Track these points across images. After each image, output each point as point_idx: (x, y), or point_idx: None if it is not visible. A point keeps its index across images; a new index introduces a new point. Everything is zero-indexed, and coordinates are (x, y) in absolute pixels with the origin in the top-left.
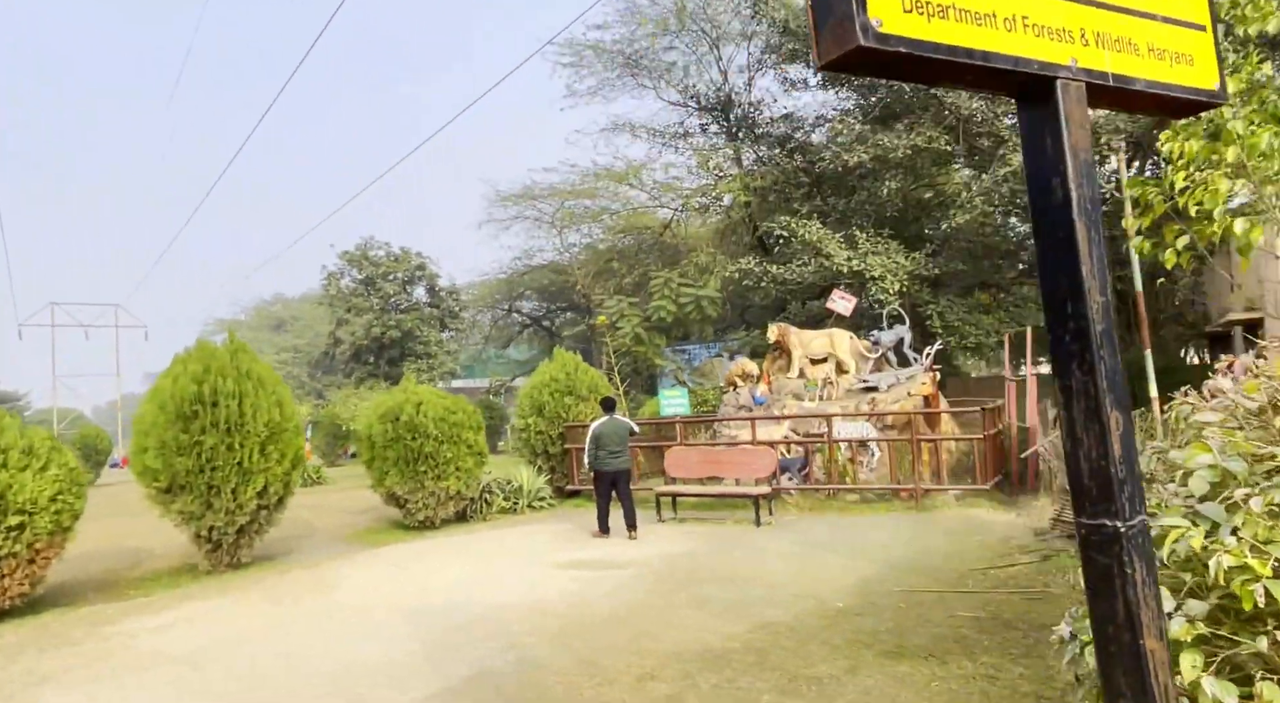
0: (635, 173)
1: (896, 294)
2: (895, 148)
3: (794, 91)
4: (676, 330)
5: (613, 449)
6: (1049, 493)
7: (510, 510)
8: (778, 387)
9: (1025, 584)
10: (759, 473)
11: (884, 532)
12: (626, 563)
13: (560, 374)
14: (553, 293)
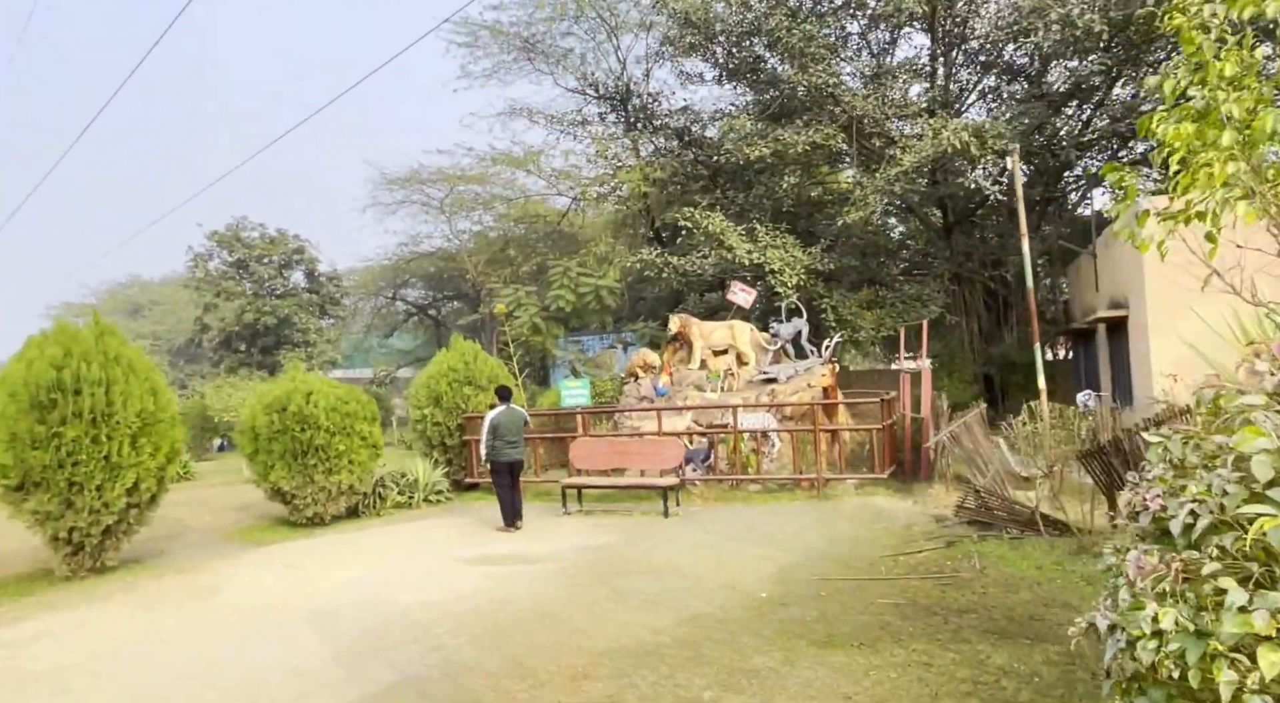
0: (534, 159)
1: (794, 288)
2: (794, 143)
3: (690, 85)
4: (575, 320)
5: (510, 439)
6: (943, 482)
7: (406, 505)
8: (679, 378)
9: (935, 570)
10: (667, 464)
11: (791, 521)
12: (540, 558)
13: (459, 363)
14: (440, 281)
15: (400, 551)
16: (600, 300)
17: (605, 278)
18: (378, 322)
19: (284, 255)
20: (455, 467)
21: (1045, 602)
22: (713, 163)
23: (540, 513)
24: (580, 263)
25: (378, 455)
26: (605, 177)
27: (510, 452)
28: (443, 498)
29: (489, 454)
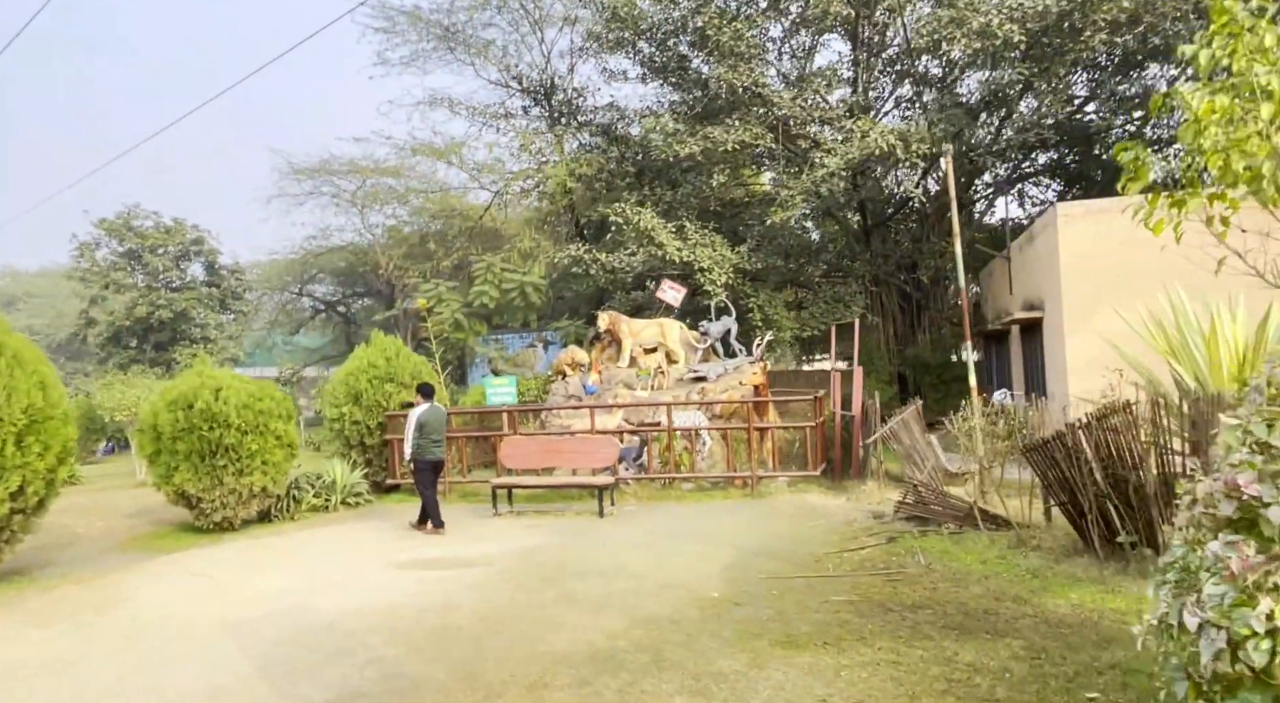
0: (455, 150)
1: (722, 286)
2: (724, 142)
3: (614, 82)
4: (498, 317)
5: (435, 438)
6: (875, 479)
7: (323, 508)
8: (608, 376)
9: (882, 566)
10: (601, 462)
11: (727, 519)
12: (476, 561)
13: (379, 360)
14: (351, 276)
15: (323, 556)
16: (525, 297)
17: (531, 274)
18: (283, 318)
19: (181, 246)
20: (375, 468)
21: (996, 596)
22: (640, 160)
23: (469, 515)
24: (504, 259)
25: (293, 456)
26: (530, 171)
27: (436, 450)
28: (362, 501)
29: (415, 453)
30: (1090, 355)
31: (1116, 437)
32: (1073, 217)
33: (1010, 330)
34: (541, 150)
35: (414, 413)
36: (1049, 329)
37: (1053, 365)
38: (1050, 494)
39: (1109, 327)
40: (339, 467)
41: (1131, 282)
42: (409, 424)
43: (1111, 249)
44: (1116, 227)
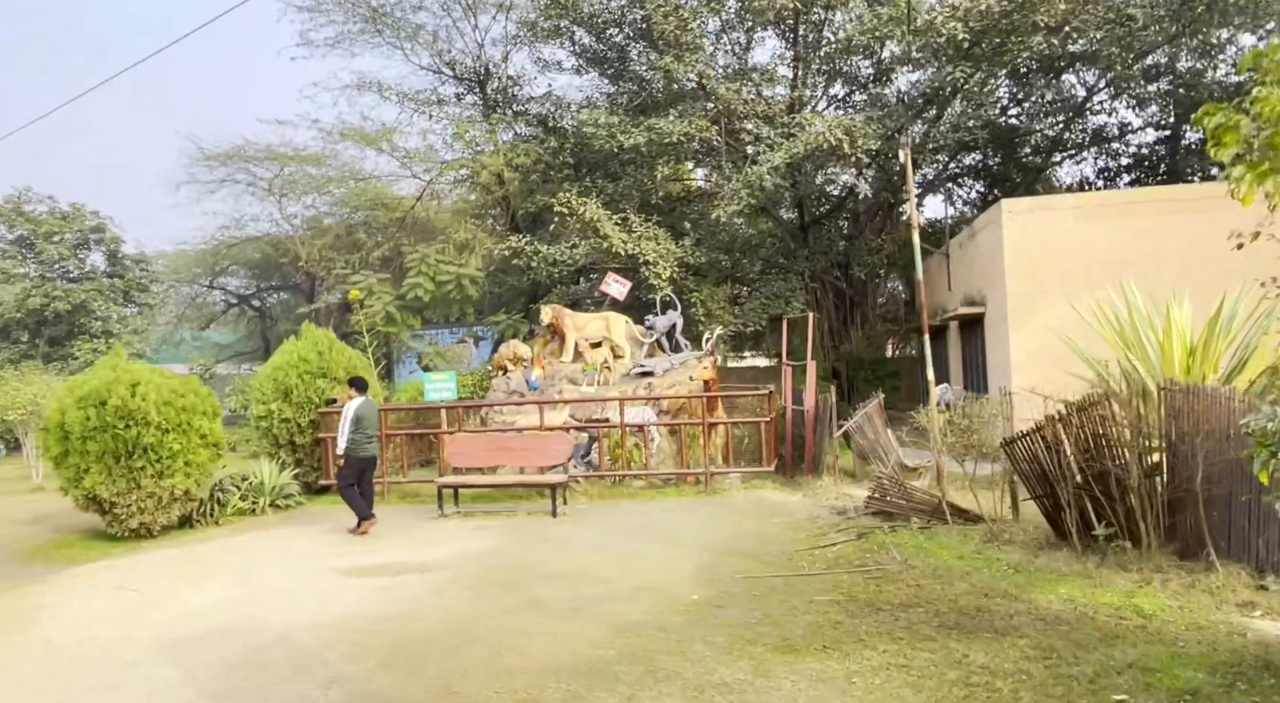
0: (387, 136)
1: (668, 280)
2: (669, 133)
3: (549, 72)
4: (432, 311)
5: (370, 433)
6: (831, 475)
7: (250, 512)
8: (551, 371)
9: (858, 564)
10: (554, 459)
11: (686, 517)
12: (429, 566)
13: (311, 354)
14: (266, 269)
15: (260, 564)
16: (462, 290)
17: (467, 266)
18: (192, 312)
19: (80, 233)
20: (306, 468)
21: (984, 592)
22: (579, 151)
23: (413, 517)
24: (439, 250)
25: (219, 456)
26: (466, 161)
27: (370, 447)
28: (293, 503)
29: (349, 448)
30: (1033, 349)
31: (1096, 428)
32: (1017, 213)
33: (949, 326)
34: (476, 139)
35: (350, 407)
36: (991, 324)
37: (995, 360)
38: (1026, 487)
39: (1051, 321)
40: (267, 467)
41: (1073, 277)
42: (344, 419)
43: (1053, 245)
44: (1058, 223)
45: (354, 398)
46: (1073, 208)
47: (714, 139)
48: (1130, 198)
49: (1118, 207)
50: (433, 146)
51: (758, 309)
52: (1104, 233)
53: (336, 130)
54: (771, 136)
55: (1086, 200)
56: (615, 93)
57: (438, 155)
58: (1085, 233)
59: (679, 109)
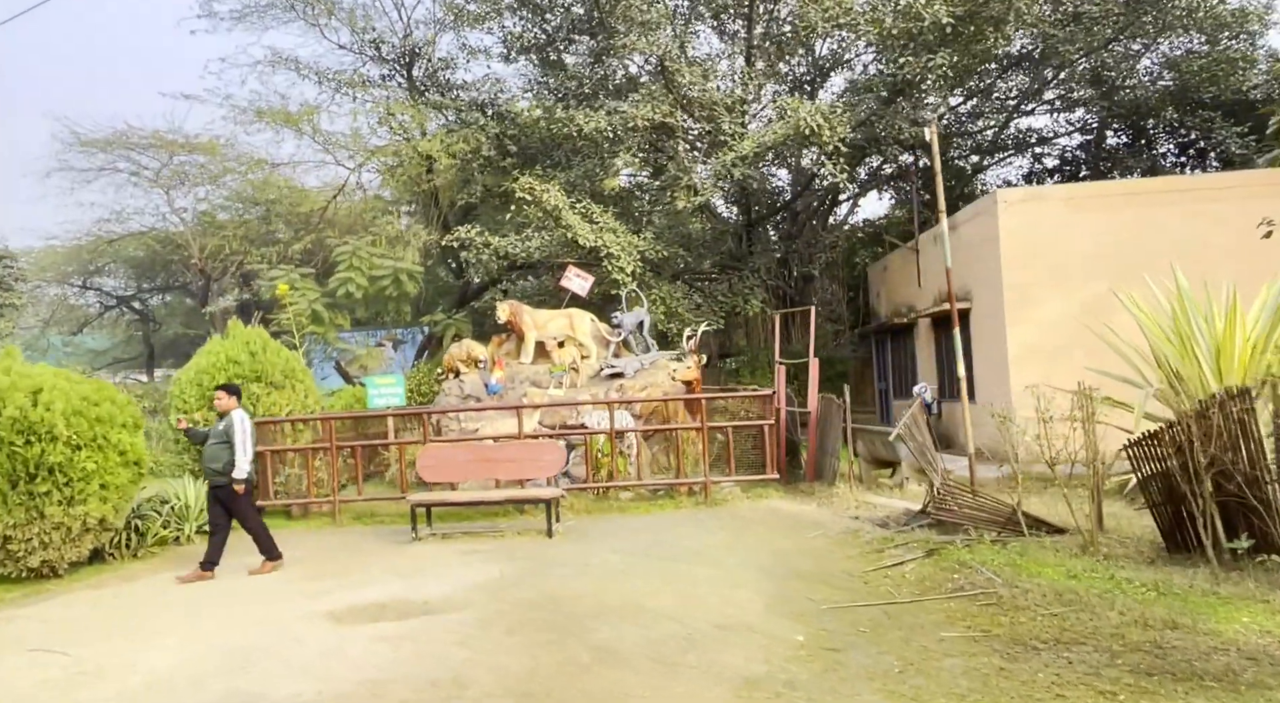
0: (309, 115)
1: (631, 274)
2: (634, 117)
3: (475, 59)
4: (364, 309)
5: (257, 449)
6: (847, 482)
7: (173, 541)
8: (511, 374)
9: (953, 587)
10: (545, 471)
11: (700, 532)
12: (435, 605)
13: (242, 355)
14: (150, 268)
15: (218, 609)
16: (400, 286)
17: (405, 259)
18: (62, 314)
19: None
20: None
21: (1144, 622)
22: (524, 138)
23: (380, 541)
24: (372, 242)
25: (141, 476)
26: (399, 146)
27: (255, 466)
28: None
29: (251, 473)
30: (1030, 344)
31: (1235, 428)
32: (1012, 202)
33: (916, 325)
34: (405, 125)
35: (242, 418)
36: (980, 320)
37: (987, 358)
38: (1145, 495)
39: (1048, 315)
40: (190, 488)
41: (1067, 270)
42: (239, 431)
43: (1048, 237)
44: (1052, 214)
45: (228, 405)
46: (1066, 198)
47: (679, 124)
48: (1126, 188)
49: (1113, 197)
50: (359, 131)
51: (717, 308)
52: (1098, 224)
53: (251, 108)
54: (740, 124)
55: (1080, 191)
56: (546, 82)
57: (364, 141)
58: (1079, 223)
59: (641, 93)
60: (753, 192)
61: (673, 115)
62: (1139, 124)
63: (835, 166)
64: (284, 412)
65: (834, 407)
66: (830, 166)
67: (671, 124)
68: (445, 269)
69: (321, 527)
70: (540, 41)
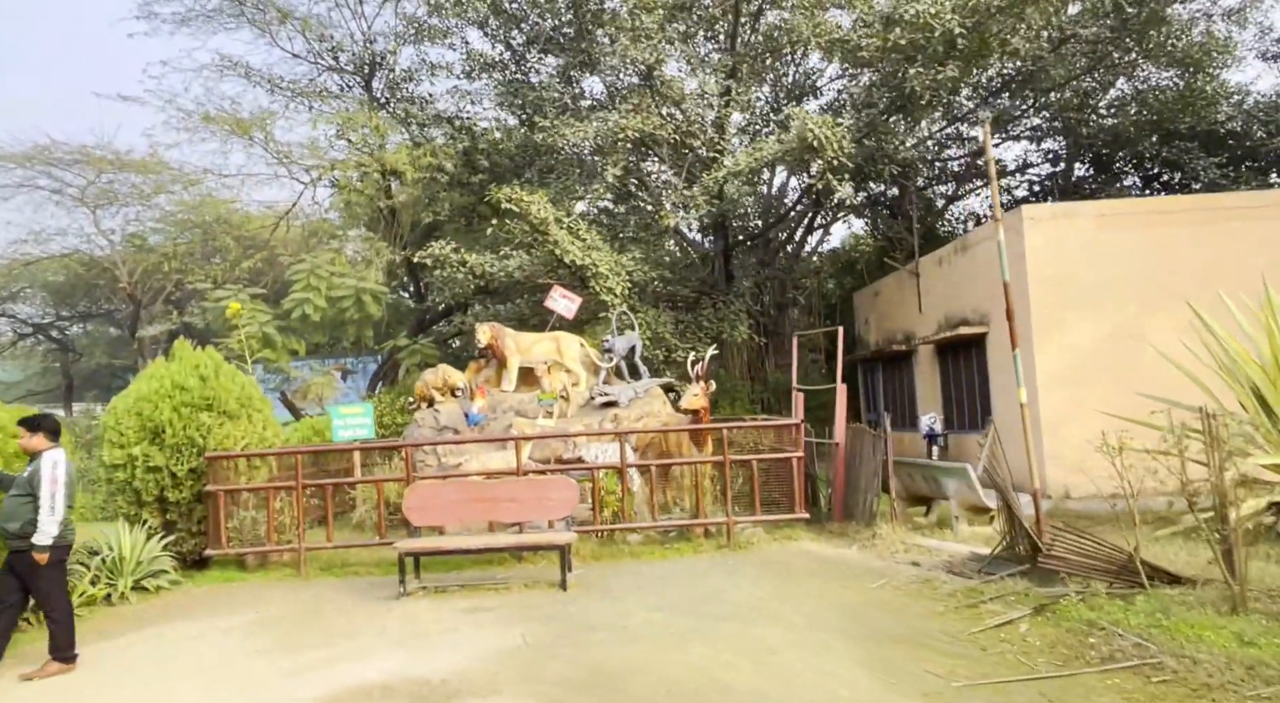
0: (263, 122)
1: (621, 296)
2: (623, 128)
3: (436, 75)
4: (320, 334)
5: (71, 505)
6: (890, 522)
7: (104, 600)
8: (493, 402)
9: (1102, 657)
10: (555, 512)
11: (741, 581)
12: (458, 686)
13: (190, 380)
14: (71, 293)
15: (176, 692)
16: (362, 307)
17: (368, 279)
18: None
19: None
20: (183, 533)
21: None
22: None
23: (359, 595)
24: (331, 260)
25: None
26: (364, 159)
27: (72, 528)
28: (166, 584)
29: (62, 532)
30: (1059, 371)
31: None
32: (1039, 219)
33: (916, 352)
34: (366, 137)
35: (56, 462)
36: (997, 345)
37: (1005, 385)
38: None
39: (1076, 339)
40: (126, 535)
41: (1099, 291)
42: (48, 480)
43: (1076, 256)
44: (1080, 232)
45: (41, 445)
46: (1095, 215)
47: (668, 137)
48: (1157, 206)
49: (1144, 215)
50: (316, 141)
51: (701, 334)
52: (1128, 243)
53: (197, 112)
54: (722, 140)
55: (1110, 208)
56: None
57: (323, 152)
58: (1108, 242)
59: (631, 104)
60: (734, 214)
61: (663, 127)
62: (1106, 156)
63: (839, 181)
64: (239, 445)
65: (867, 438)
66: (835, 181)
67: (661, 136)
68: (405, 292)
69: (284, 579)
70: (505, 59)
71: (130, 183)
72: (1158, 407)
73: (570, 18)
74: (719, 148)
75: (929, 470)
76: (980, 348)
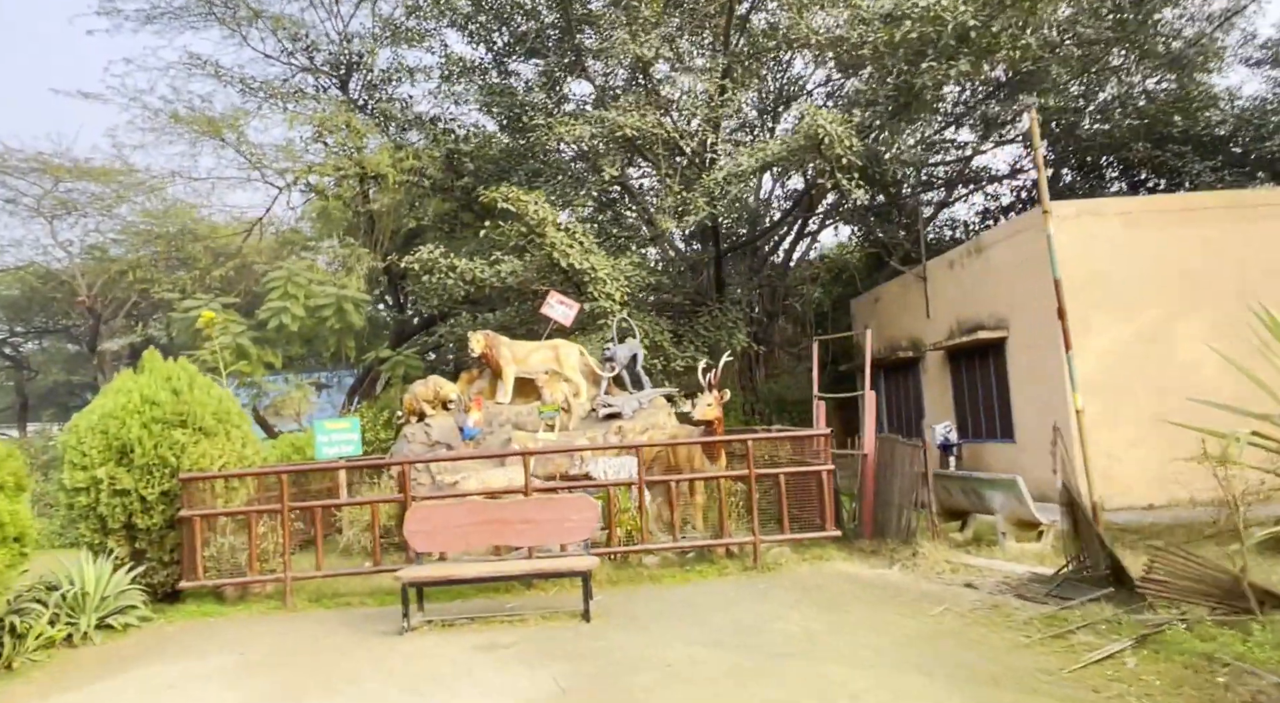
0: (235, 122)
1: (620, 303)
2: (621, 127)
3: (415, 79)
4: (298, 346)
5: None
6: (932, 540)
7: (65, 640)
8: (489, 415)
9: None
10: (574, 534)
11: (784, 609)
12: None
13: (161, 393)
14: (25, 308)
15: None
16: (343, 316)
17: (349, 287)
18: None
19: None
20: (153, 563)
21: None
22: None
23: (355, 630)
24: (309, 266)
25: (24, 556)
26: (342, 161)
27: None
28: (136, 621)
29: None
30: (1091, 376)
31: None
32: (1065, 217)
33: (924, 359)
34: (343, 140)
35: None
36: (1020, 351)
37: (1029, 392)
38: None
39: (1106, 343)
40: (89, 566)
41: (1128, 293)
42: None
43: (1105, 256)
44: (1107, 231)
45: None
46: (1121, 213)
47: (665, 135)
48: (1187, 203)
49: (1174, 213)
50: (291, 143)
51: (699, 343)
52: (1158, 242)
53: (165, 111)
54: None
55: (1137, 205)
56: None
57: (298, 155)
58: (1137, 242)
59: (630, 100)
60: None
61: (660, 126)
62: (1092, 161)
63: (849, 180)
64: (217, 465)
65: (900, 449)
66: (844, 180)
67: (658, 135)
68: (382, 303)
69: (269, 613)
70: (486, 63)
71: (90, 192)
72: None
73: (555, 18)
74: (716, 149)
75: (969, 483)
76: (999, 354)
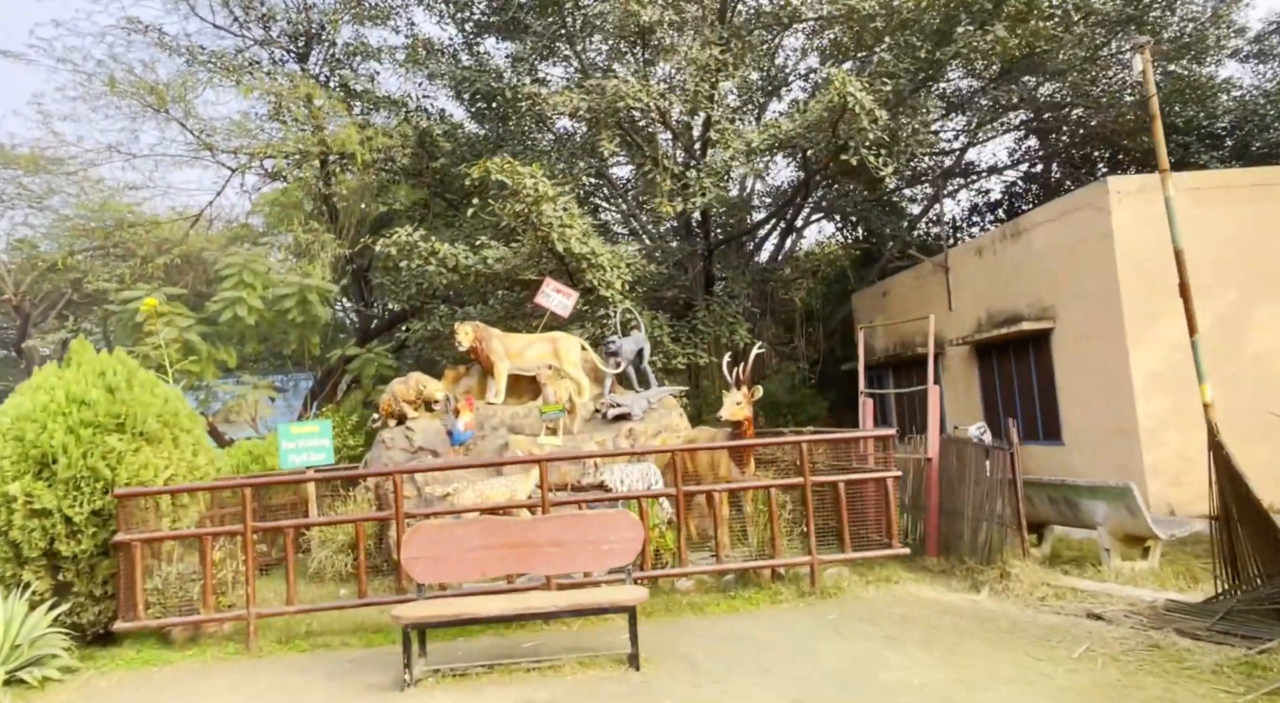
0: (181, 92)
1: (622, 292)
2: (622, 96)
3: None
4: (255, 343)
5: None
6: (1021, 558)
7: None
8: (480, 418)
9: None
10: (615, 558)
11: (873, 647)
12: None
13: (93, 391)
14: None
15: None
16: (306, 308)
17: (313, 275)
18: None
19: None
20: (83, 599)
21: None
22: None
23: (338, 688)
24: (266, 255)
25: None
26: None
27: None
28: (57, 673)
29: None
30: (1158, 370)
31: None
32: (1127, 193)
33: (944, 355)
34: (306, 118)
35: None
36: (1069, 342)
37: (1081, 388)
38: None
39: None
40: (4, 602)
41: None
42: None
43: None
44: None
45: None
46: (1190, 189)
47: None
48: (1263, 178)
49: (1246, 189)
50: (245, 117)
51: (698, 338)
52: (1230, 219)
53: (100, 75)
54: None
55: (1206, 180)
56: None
57: (253, 132)
58: (1205, 219)
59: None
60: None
61: (665, 97)
62: (1083, 156)
63: (876, 157)
64: (162, 478)
65: (972, 452)
66: (870, 156)
67: (663, 107)
68: (344, 298)
69: (228, 658)
70: (456, 45)
71: (18, 181)
72: None
73: None
74: (718, 128)
75: (1062, 491)
76: (1042, 347)
